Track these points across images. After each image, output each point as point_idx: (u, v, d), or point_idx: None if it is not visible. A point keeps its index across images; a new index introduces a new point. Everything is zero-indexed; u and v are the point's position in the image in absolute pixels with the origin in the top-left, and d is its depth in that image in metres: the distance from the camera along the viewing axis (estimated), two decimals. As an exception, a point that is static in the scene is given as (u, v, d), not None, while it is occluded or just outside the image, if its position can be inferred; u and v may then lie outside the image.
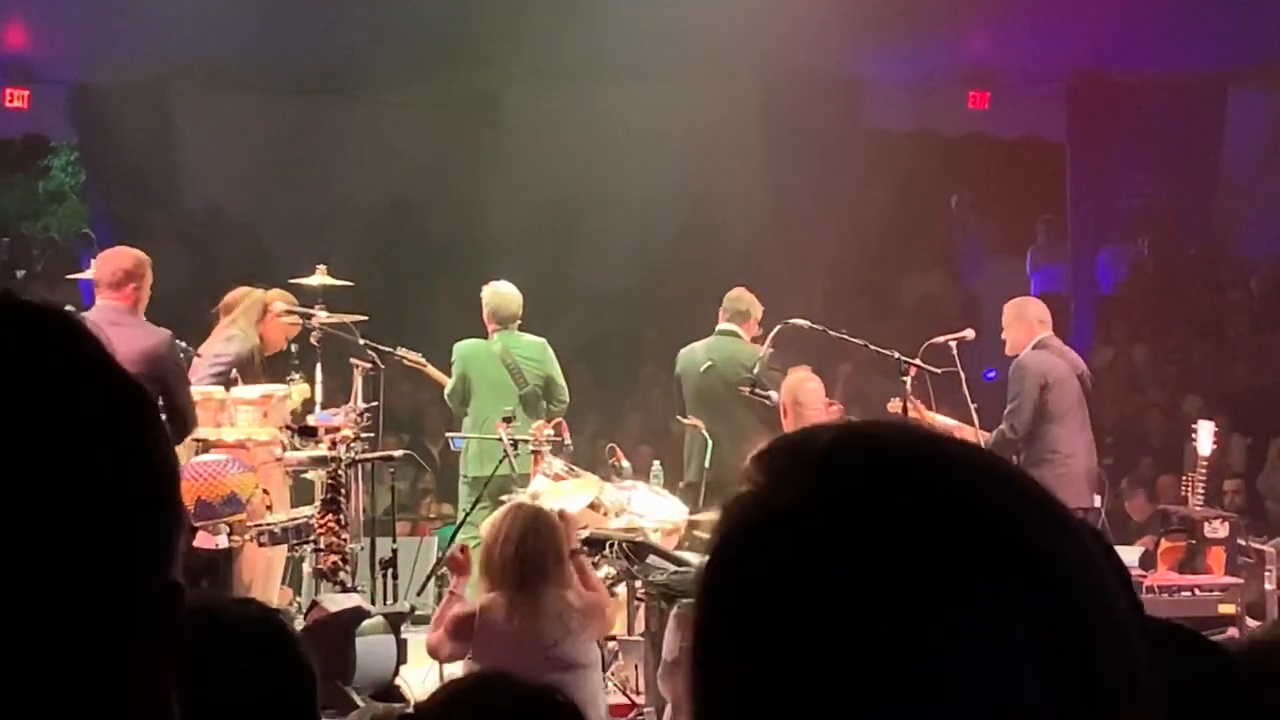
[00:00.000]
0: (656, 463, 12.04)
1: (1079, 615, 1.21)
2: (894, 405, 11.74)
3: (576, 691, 7.37)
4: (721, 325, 12.49)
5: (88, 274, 11.72)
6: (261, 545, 10.01)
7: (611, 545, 9.71)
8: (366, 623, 9.60)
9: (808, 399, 11.08)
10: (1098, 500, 12.12)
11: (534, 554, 7.88)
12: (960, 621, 1.18)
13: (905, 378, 11.55)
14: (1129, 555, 11.22)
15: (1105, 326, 19.12)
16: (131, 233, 18.72)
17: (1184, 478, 12.70)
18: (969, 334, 12.16)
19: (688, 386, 12.41)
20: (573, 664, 7.81)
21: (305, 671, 2.76)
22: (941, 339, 12.03)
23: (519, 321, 12.74)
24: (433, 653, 8.36)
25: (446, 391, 12.73)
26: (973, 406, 11.75)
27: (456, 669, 10.07)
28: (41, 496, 1.18)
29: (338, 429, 10.40)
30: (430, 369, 12.87)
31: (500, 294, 12.75)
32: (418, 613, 11.23)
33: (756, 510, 1.26)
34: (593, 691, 8.00)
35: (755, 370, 11.87)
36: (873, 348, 11.84)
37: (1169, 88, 18.45)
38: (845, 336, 12.03)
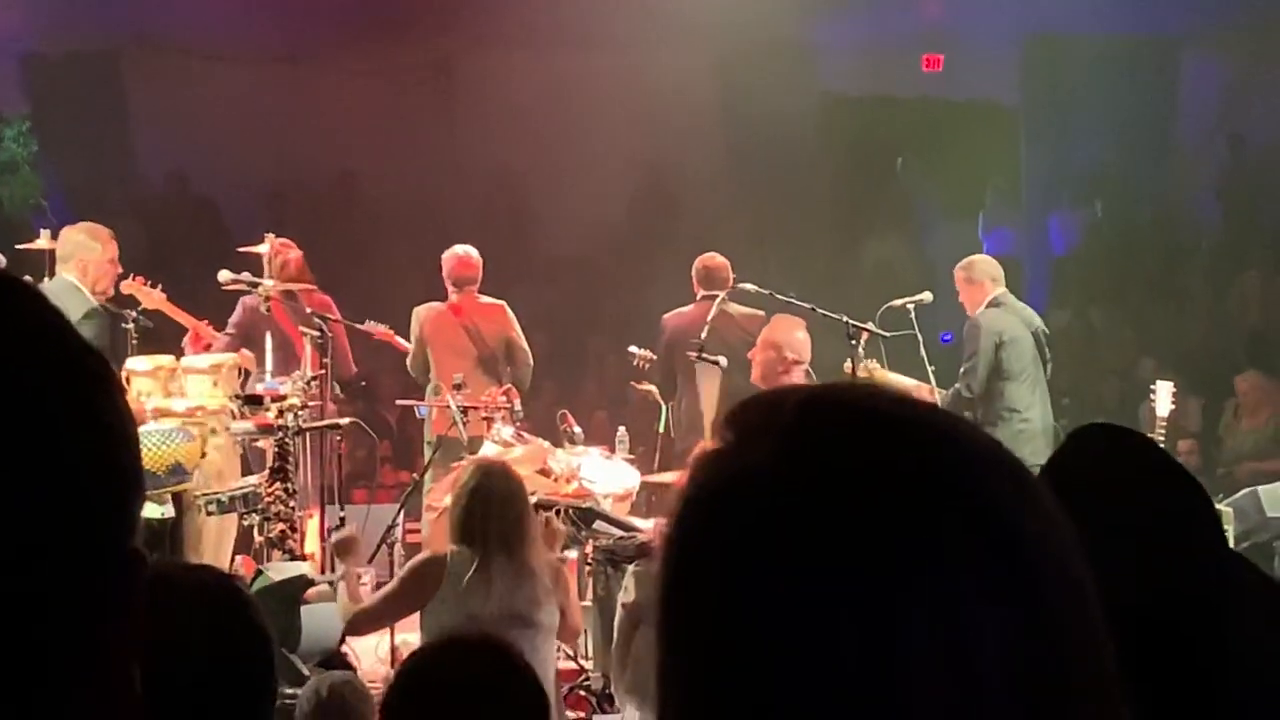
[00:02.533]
0: (621, 428, 11.92)
1: (1039, 582, 1.20)
2: (846, 369, 11.59)
3: (533, 652, 7.32)
4: (706, 293, 12.20)
5: (40, 244, 11.58)
6: (210, 514, 9.99)
7: (558, 511, 9.59)
8: (312, 590, 9.51)
9: (800, 350, 10.81)
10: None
11: (499, 513, 7.79)
12: (921, 587, 1.17)
13: (854, 341, 11.40)
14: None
15: (1059, 289, 19.17)
16: (86, 203, 18.64)
17: (1142, 439, 12.62)
18: (926, 297, 12.13)
19: (680, 354, 12.07)
20: (531, 623, 7.69)
21: (262, 637, 2.71)
22: (899, 302, 12.02)
23: (478, 285, 12.61)
24: (372, 619, 8.19)
25: (408, 360, 12.56)
26: (930, 369, 11.67)
27: (411, 637, 10.04)
28: None
29: (284, 397, 10.23)
30: (397, 339, 12.73)
31: (459, 257, 12.67)
32: (363, 581, 11.12)
33: (726, 470, 1.26)
34: (548, 653, 7.91)
35: (704, 335, 11.69)
36: (820, 311, 11.66)
37: (1122, 51, 18.41)
38: (794, 300, 11.85)
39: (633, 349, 12.06)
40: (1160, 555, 2.15)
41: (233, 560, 10.37)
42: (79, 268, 10.58)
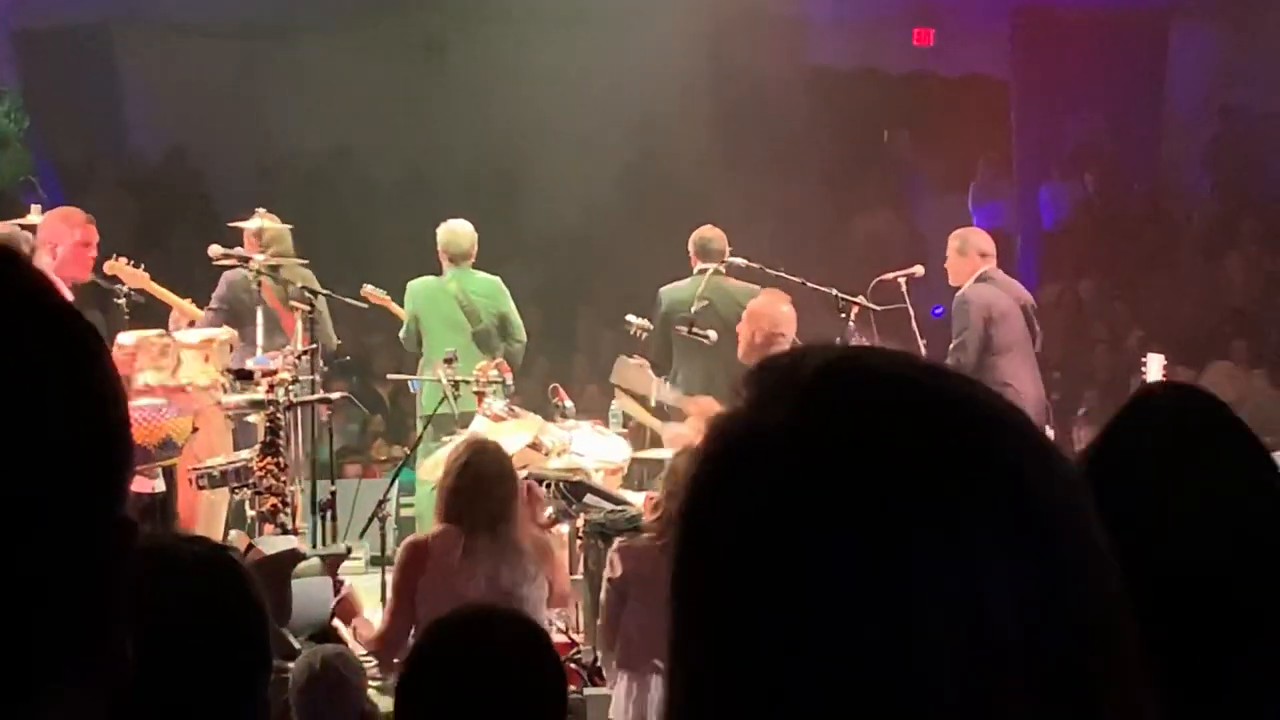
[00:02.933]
0: (615, 402, 11.87)
1: (1055, 541, 1.20)
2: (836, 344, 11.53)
3: None
4: (702, 265, 12.18)
5: (32, 219, 11.56)
6: (201, 488, 10.02)
7: (549, 485, 9.60)
8: (303, 565, 9.49)
9: (785, 324, 10.77)
10: (1049, 432, 12.03)
11: (494, 490, 7.81)
12: (940, 546, 1.17)
13: (844, 315, 11.39)
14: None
15: (1050, 262, 19.18)
16: (78, 179, 18.63)
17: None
18: (918, 270, 12.12)
19: (675, 327, 12.03)
20: (518, 598, 7.67)
21: (257, 608, 2.67)
22: (890, 276, 12.01)
23: (473, 259, 12.62)
24: (392, 640, 8.06)
25: (401, 333, 12.57)
26: (921, 343, 11.67)
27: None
28: None
29: (275, 372, 10.22)
30: (394, 305, 12.76)
31: (454, 231, 12.65)
32: (355, 555, 11.12)
33: (744, 429, 1.25)
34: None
35: (694, 310, 11.67)
36: (810, 285, 11.65)
37: (1112, 24, 18.40)
38: (784, 274, 11.83)
39: (630, 318, 12.04)
40: (1249, 508, 2.12)
41: (227, 534, 10.35)
42: (49, 253, 10.54)
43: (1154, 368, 12.19)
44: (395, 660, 8.13)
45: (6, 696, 1.18)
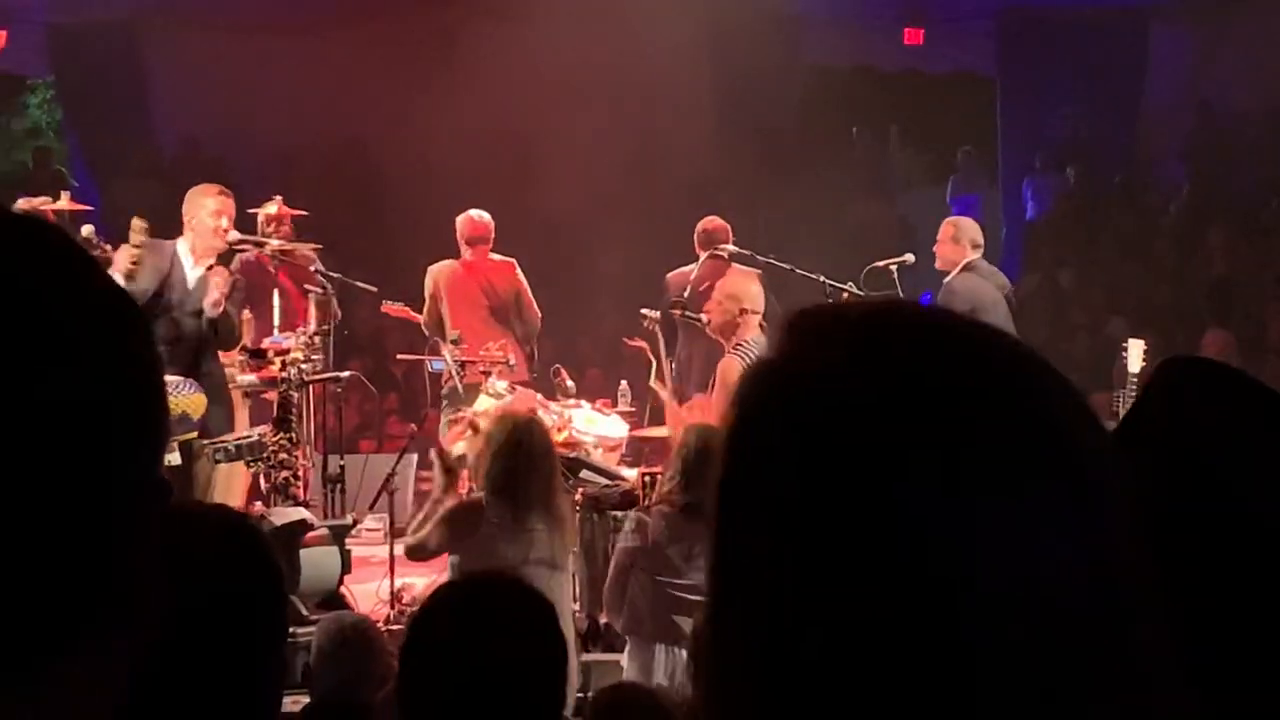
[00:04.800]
0: (624, 383, 12.04)
1: (1102, 501, 1.16)
2: None
3: (559, 592, 7.58)
4: (702, 252, 12.33)
5: (61, 205, 11.62)
6: (217, 462, 10.05)
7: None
8: (311, 535, 9.64)
9: (755, 302, 10.83)
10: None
11: (542, 465, 7.88)
12: (991, 503, 1.12)
13: (831, 301, 11.46)
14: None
15: (1032, 252, 19.23)
16: (107, 168, 18.72)
17: (1114, 395, 12.73)
18: (909, 258, 12.19)
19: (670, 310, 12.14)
20: (557, 565, 7.85)
21: (275, 573, 2.69)
22: (882, 264, 12.03)
23: (490, 244, 12.80)
24: (419, 550, 8.11)
25: (423, 315, 12.68)
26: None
27: (412, 579, 10.16)
28: (29, 399, 1.16)
29: (287, 351, 10.31)
30: (413, 314, 12.94)
31: (472, 219, 12.84)
32: (372, 528, 11.23)
33: (789, 376, 1.19)
34: (566, 590, 8.10)
35: (686, 294, 11.78)
36: (799, 272, 11.72)
37: (1095, 23, 18.44)
38: (773, 261, 11.92)
39: (645, 311, 12.09)
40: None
41: (249, 506, 10.44)
42: (188, 226, 10.61)
43: (1135, 353, 12.23)
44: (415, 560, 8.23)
45: (37, 649, 1.17)
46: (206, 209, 10.58)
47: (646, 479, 9.59)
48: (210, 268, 10.50)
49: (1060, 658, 1.13)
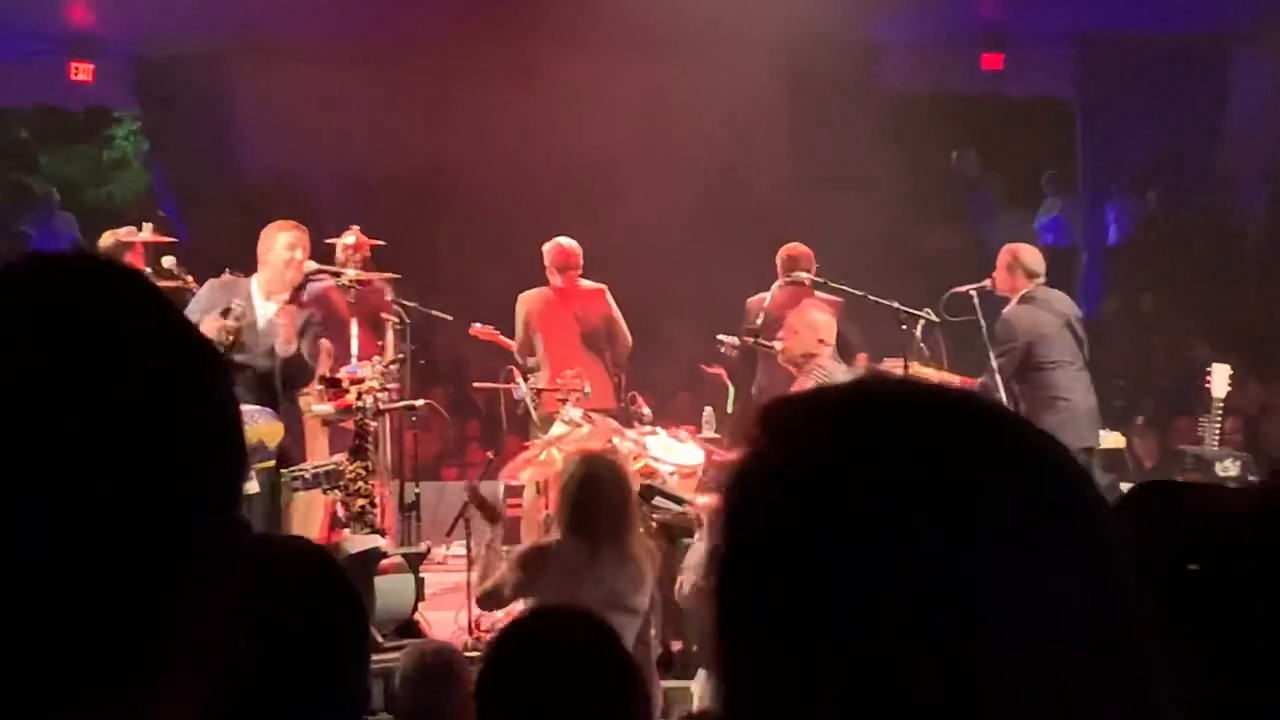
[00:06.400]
0: (708, 409, 12.03)
1: (1111, 553, 1.20)
2: (892, 362, 11.61)
3: (633, 635, 7.54)
4: (786, 279, 12.35)
5: (143, 236, 11.71)
6: (295, 490, 10.11)
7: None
8: (386, 562, 9.72)
9: (826, 333, 10.83)
10: (1112, 436, 12.10)
11: (608, 502, 7.84)
12: (1011, 555, 1.15)
13: (906, 327, 11.41)
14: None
15: (1114, 276, 19.10)
16: (191, 198, 18.87)
17: (1199, 419, 12.67)
18: (988, 283, 12.05)
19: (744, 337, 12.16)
20: (631, 608, 7.78)
21: (356, 603, 2.74)
22: (963, 289, 11.95)
23: (579, 271, 12.88)
24: (493, 597, 8.14)
25: (515, 344, 12.72)
26: (992, 354, 11.62)
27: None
28: (115, 439, 1.20)
29: (362, 380, 10.37)
30: (501, 338, 12.91)
31: (560, 246, 12.92)
32: (435, 553, 11.24)
33: (777, 463, 1.22)
34: (647, 634, 8.06)
35: (759, 321, 11.77)
36: (872, 298, 11.68)
37: (1174, 48, 18.31)
38: (846, 288, 11.88)
39: (722, 338, 12.09)
40: None
41: (334, 533, 10.48)
42: (261, 264, 10.67)
43: (1220, 378, 12.18)
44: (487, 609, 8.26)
45: (123, 682, 1.20)
46: (281, 243, 10.63)
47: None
48: (289, 303, 10.57)
49: (1074, 698, 1.15)
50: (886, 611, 1.14)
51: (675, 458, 10.88)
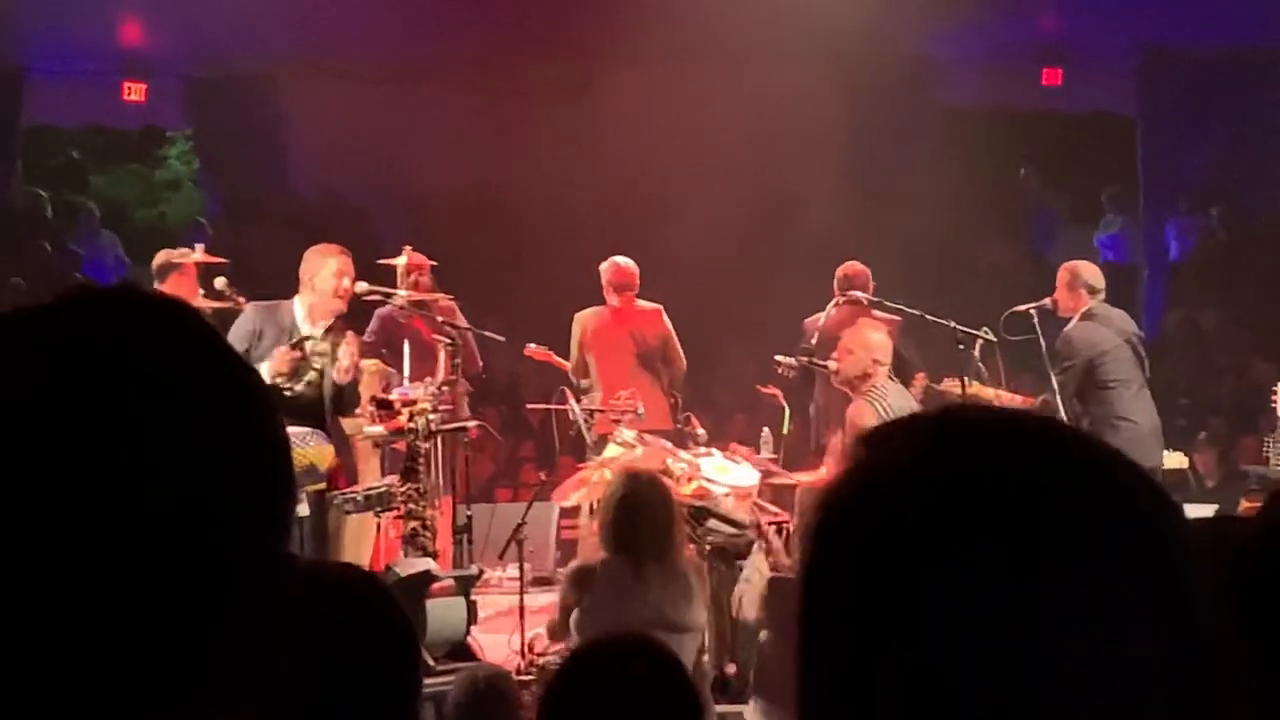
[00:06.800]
0: (766, 429, 11.97)
1: (1186, 588, 1.20)
2: (950, 382, 11.51)
3: (683, 654, 7.36)
4: (843, 298, 12.29)
5: (195, 257, 11.72)
6: (346, 513, 10.09)
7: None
8: (437, 585, 9.65)
9: (882, 352, 10.74)
10: (1175, 456, 12.00)
11: (652, 520, 7.85)
12: (1078, 586, 1.16)
13: (963, 346, 11.32)
14: (1204, 512, 11.04)
15: (1176, 293, 18.97)
16: (243, 217, 18.94)
17: (1264, 439, 12.57)
18: (1048, 302, 11.95)
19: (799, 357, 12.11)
20: (680, 626, 7.75)
21: (406, 633, 2.72)
22: (1023, 307, 11.86)
23: (636, 290, 12.88)
24: (557, 629, 8.22)
25: (570, 364, 12.70)
26: (1052, 373, 11.53)
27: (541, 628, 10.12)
28: (162, 477, 1.20)
29: (414, 402, 10.33)
30: (555, 358, 12.88)
31: (617, 265, 12.92)
32: (489, 575, 11.19)
33: (864, 483, 1.25)
34: (695, 653, 7.98)
35: (814, 340, 11.69)
36: (929, 317, 11.59)
37: (1237, 62, 18.19)
38: (903, 308, 11.80)
39: (779, 358, 12.03)
40: None
41: (382, 558, 10.45)
42: (307, 288, 10.61)
43: (1286, 397, 12.11)
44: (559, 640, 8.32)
45: (171, 718, 1.21)
46: (329, 269, 10.57)
47: (773, 528, 9.51)
48: (332, 329, 10.52)
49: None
50: (948, 639, 1.16)
51: (729, 479, 10.79)
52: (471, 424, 11.38)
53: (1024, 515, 1.17)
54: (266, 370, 9.90)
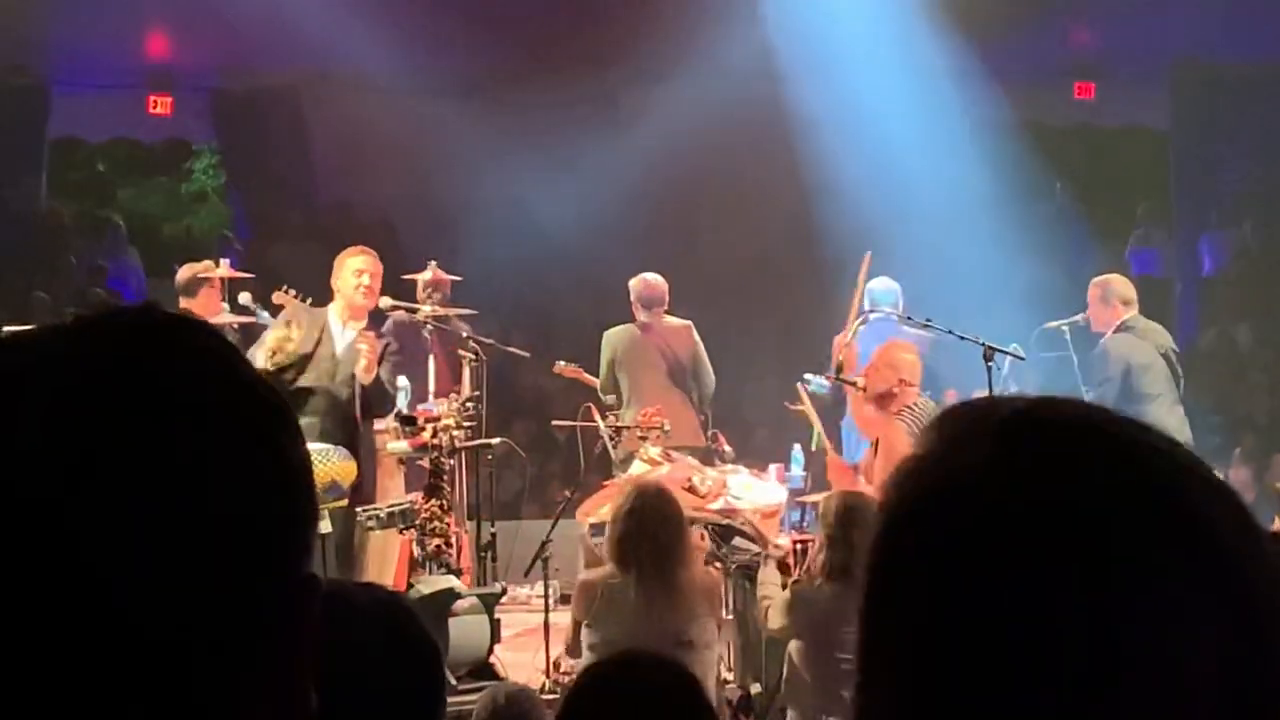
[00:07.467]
0: (797, 445, 11.94)
1: (1251, 598, 1.18)
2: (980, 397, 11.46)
3: (693, 669, 7.32)
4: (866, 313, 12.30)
5: (220, 272, 11.74)
6: (369, 529, 10.08)
7: (700, 528, 9.65)
8: (460, 603, 9.62)
9: (911, 373, 10.71)
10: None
11: (659, 534, 7.84)
12: (1143, 601, 1.15)
13: (990, 363, 11.28)
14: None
15: (1208, 308, 18.90)
16: (270, 231, 18.97)
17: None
18: (1080, 318, 11.91)
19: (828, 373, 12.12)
20: (691, 643, 7.72)
21: (431, 650, 2.74)
22: (1054, 324, 11.82)
23: (665, 306, 12.83)
24: (573, 645, 8.26)
25: (599, 380, 12.69)
26: (1084, 390, 11.49)
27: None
28: (183, 501, 1.20)
29: (438, 418, 10.33)
30: (585, 376, 12.88)
31: (646, 281, 12.88)
32: (514, 593, 11.17)
33: (935, 476, 1.24)
34: (705, 670, 7.87)
35: (843, 357, 11.67)
36: (957, 334, 11.54)
37: (1270, 76, 18.15)
38: (930, 324, 11.76)
39: (807, 376, 12.01)
40: None
41: (414, 574, 10.44)
42: (334, 294, 10.74)
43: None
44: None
45: None
46: (349, 269, 10.68)
47: (799, 546, 9.49)
48: (359, 332, 10.57)
49: None
50: (1010, 641, 1.16)
51: (756, 497, 10.78)
52: (495, 441, 11.38)
53: (1096, 533, 1.16)
54: (260, 356, 9.98)
